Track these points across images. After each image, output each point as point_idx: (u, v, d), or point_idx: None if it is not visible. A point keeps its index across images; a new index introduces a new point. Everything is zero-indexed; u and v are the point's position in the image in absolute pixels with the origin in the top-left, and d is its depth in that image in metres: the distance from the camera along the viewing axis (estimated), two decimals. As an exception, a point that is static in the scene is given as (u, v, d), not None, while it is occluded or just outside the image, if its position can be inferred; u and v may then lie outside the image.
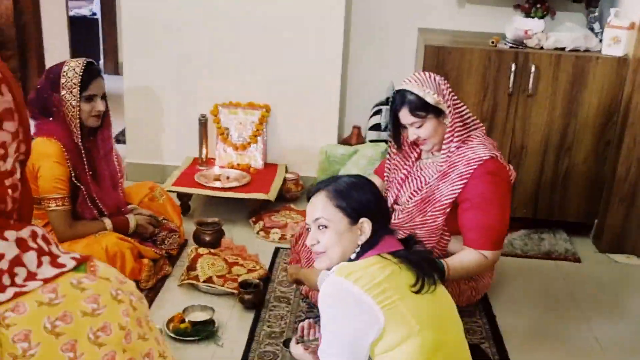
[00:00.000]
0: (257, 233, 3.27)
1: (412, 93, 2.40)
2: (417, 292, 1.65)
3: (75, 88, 2.53)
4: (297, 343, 2.02)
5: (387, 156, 2.70)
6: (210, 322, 2.46)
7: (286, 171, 3.71)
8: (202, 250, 2.86)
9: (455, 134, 2.42)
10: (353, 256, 1.78)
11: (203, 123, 3.61)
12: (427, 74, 2.47)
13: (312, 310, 2.60)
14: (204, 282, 2.70)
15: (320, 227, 1.81)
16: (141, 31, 3.62)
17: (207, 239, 3.04)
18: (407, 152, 2.64)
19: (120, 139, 4.15)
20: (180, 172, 3.53)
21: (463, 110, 2.46)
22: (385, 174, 2.71)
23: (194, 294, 2.71)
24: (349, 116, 3.95)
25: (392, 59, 3.87)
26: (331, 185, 1.83)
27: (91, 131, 2.67)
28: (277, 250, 3.13)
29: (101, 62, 6.64)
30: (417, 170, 2.60)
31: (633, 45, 3.07)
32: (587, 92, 3.16)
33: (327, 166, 3.69)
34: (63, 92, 2.53)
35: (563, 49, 3.20)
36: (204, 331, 2.41)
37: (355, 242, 1.78)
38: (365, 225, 1.77)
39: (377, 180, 2.69)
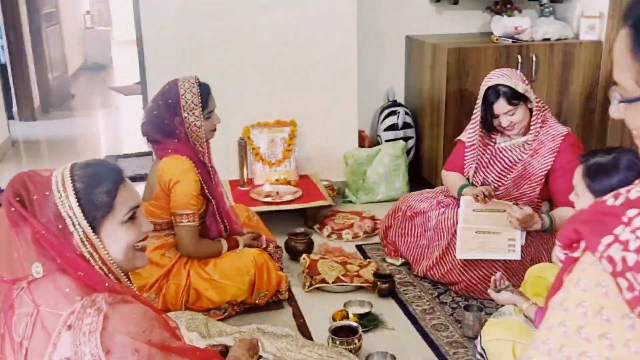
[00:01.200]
0: (329, 237, 3.51)
1: (505, 86, 2.82)
2: None
3: (197, 109, 2.57)
4: (497, 292, 2.30)
5: (472, 145, 3.03)
6: (370, 313, 2.68)
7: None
8: (313, 256, 3.06)
9: (540, 116, 2.89)
10: None
11: (242, 145, 3.74)
12: (509, 69, 2.91)
13: (436, 287, 2.93)
14: (333, 282, 2.90)
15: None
16: (162, 56, 3.66)
17: (300, 247, 3.22)
18: (483, 140, 3.04)
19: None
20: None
21: (536, 97, 2.94)
22: (469, 161, 3.05)
23: (323, 295, 2.90)
24: (353, 122, 4.29)
25: (386, 65, 4.29)
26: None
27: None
28: (358, 247, 3.39)
29: (14, 108, 6.28)
30: (499, 153, 3.01)
31: (604, 30, 3.79)
32: (574, 72, 3.83)
33: (355, 168, 4.00)
34: (185, 114, 2.57)
35: (549, 39, 3.84)
36: (373, 320, 2.64)
37: None
38: None
39: (458, 175, 3.06)
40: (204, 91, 2.63)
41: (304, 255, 3.07)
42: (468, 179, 3.05)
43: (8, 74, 6.20)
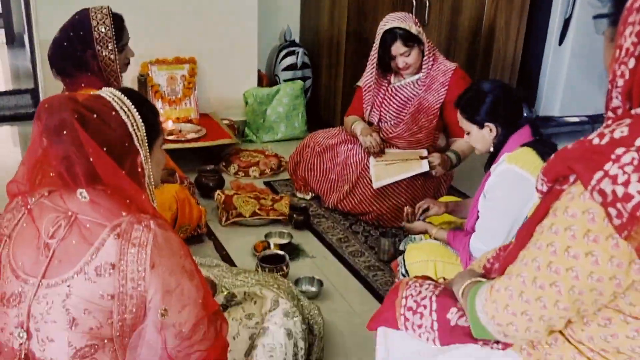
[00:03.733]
0: (236, 174, 3.54)
1: (401, 29, 2.98)
2: None
3: (110, 42, 2.46)
4: (408, 222, 2.50)
5: (367, 87, 3.18)
6: (290, 243, 2.79)
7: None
8: (228, 192, 3.09)
9: (431, 56, 3.09)
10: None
11: (142, 82, 3.62)
12: (403, 13, 3.08)
13: (347, 218, 3.10)
14: (250, 216, 2.97)
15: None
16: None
17: (211, 184, 3.24)
18: (379, 81, 3.20)
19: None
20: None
21: (428, 39, 3.13)
22: (365, 103, 3.21)
23: (240, 229, 2.96)
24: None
25: (282, 4, 4.30)
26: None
27: None
28: (267, 183, 3.47)
29: None
30: (394, 93, 3.19)
31: (488, -22, 4.06)
32: (461, 17, 4.08)
33: (255, 108, 4.03)
34: (98, 47, 2.44)
35: (440, -15, 4.05)
36: (294, 250, 2.75)
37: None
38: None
39: (355, 117, 3.22)
40: (118, 23, 2.52)
41: (219, 191, 3.10)
42: (367, 121, 3.21)
43: None
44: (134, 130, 1.29)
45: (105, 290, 1.21)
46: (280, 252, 2.57)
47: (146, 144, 1.32)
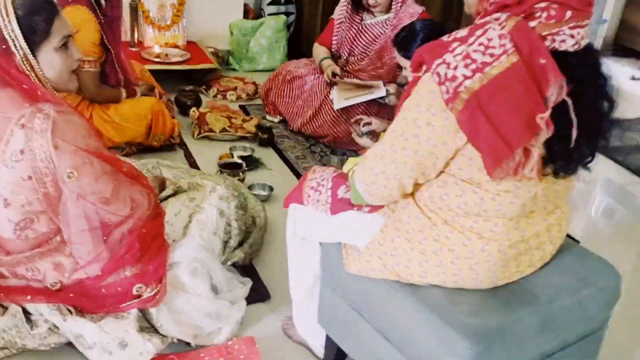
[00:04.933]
0: (215, 97, 3.88)
1: None
2: None
3: None
4: (359, 136, 2.83)
5: (339, 21, 3.49)
6: (251, 156, 3.15)
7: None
8: (202, 109, 3.43)
9: (400, -4, 3.38)
10: None
11: (134, 7, 3.93)
12: None
13: (309, 140, 3.44)
14: (220, 132, 3.32)
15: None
16: None
17: (189, 102, 3.58)
18: (352, 17, 3.49)
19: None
20: (121, 54, 3.85)
21: None
22: (335, 37, 3.51)
23: (210, 143, 3.31)
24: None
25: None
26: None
27: None
28: (242, 106, 3.81)
29: None
30: (364, 29, 3.48)
31: None
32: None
33: (240, 38, 4.33)
34: None
35: None
36: (254, 162, 3.11)
37: None
38: None
39: (324, 48, 3.52)
40: None
41: (194, 109, 3.44)
42: (333, 52, 3.51)
43: None
44: (8, 34, 1.56)
45: (24, 172, 1.55)
46: (239, 161, 2.93)
47: (25, 48, 1.58)
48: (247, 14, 4.47)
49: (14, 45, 1.58)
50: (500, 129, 1.24)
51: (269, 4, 4.49)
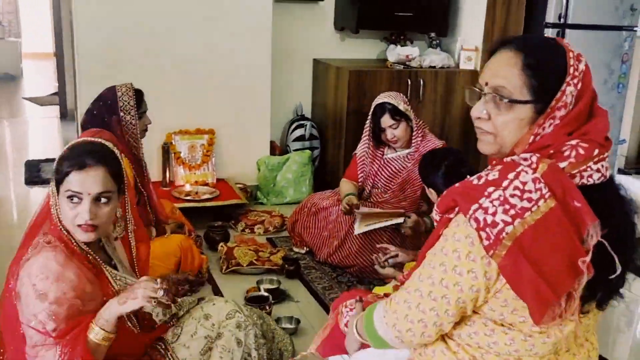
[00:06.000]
0: (243, 231, 3.96)
1: (389, 104, 3.42)
2: None
3: (132, 109, 2.99)
4: (382, 267, 2.83)
5: (362, 158, 3.62)
6: (278, 289, 3.16)
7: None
8: (230, 244, 3.50)
9: (420, 132, 3.50)
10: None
11: (166, 150, 4.15)
12: (394, 92, 3.53)
13: (335, 270, 3.46)
14: (247, 266, 3.36)
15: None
16: (95, 69, 4.01)
17: (218, 238, 3.66)
18: (374, 152, 3.62)
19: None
20: (153, 194, 4.01)
21: (417, 118, 3.56)
22: (360, 171, 3.63)
23: (238, 277, 3.34)
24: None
25: (295, 84, 4.84)
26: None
27: None
28: (269, 239, 3.87)
29: None
30: (386, 163, 3.60)
31: (479, 62, 4.51)
32: (455, 95, 4.52)
33: (267, 174, 4.49)
34: (122, 113, 2.97)
35: (434, 67, 4.52)
36: (281, 294, 3.12)
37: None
38: None
39: (351, 184, 3.64)
40: (138, 95, 3.05)
41: (222, 244, 3.52)
42: (360, 186, 3.61)
43: None
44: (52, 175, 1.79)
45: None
46: (265, 294, 2.94)
47: (53, 185, 1.77)
48: (273, 150, 4.67)
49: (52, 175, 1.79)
50: (545, 274, 1.23)
51: (294, 140, 4.69)
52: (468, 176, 1.37)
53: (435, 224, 1.49)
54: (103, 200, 1.77)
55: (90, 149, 1.79)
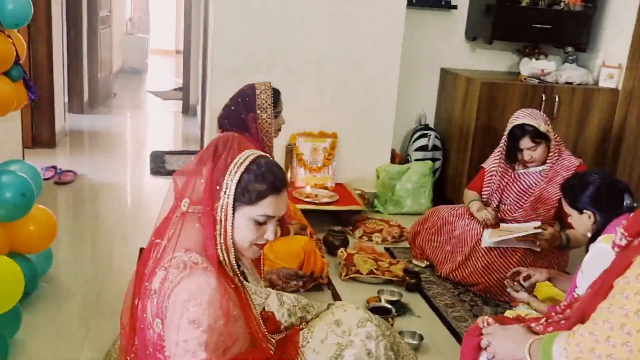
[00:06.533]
0: (360, 238, 3.91)
1: (530, 125, 3.23)
2: None
3: (269, 108, 3.01)
4: (516, 291, 2.69)
5: (492, 172, 3.46)
6: (399, 301, 3.07)
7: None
8: (350, 250, 3.46)
9: (556, 150, 3.31)
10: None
11: (289, 150, 4.17)
12: (534, 110, 3.34)
13: (457, 287, 3.33)
14: (367, 274, 3.30)
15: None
16: (227, 67, 4.09)
17: (337, 243, 3.62)
18: (505, 168, 3.45)
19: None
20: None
21: (555, 133, 3.36)
22: (486, 185, 3.48)
23: (356, 284, 3.29)
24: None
25: (421, 92, 4.74)
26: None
27: None
28: (387, 249, 3.79)
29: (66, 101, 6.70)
30: (516, 178, 3.42)
31: (622, 80, 4.23)
32: (591, 114, 4.26)
33: (386, 182, 4.41)
34: (258, 111, 3.00)
35: (571, 83, 4.29)
36: (402, 307, 3.03)
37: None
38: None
39: (474, 193, 3.50)
40: (276, 94, 3.07)
41: (342, 249, 3.47)
42: (484, 201, 3.46)
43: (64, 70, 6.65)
44: (223, 192, 1.63)
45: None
46: (388, 306, 2.87)
47: (230, 200, 1.63)
48: (393, 158, 4.59)
49: (225, 192, 1.64)
50: None
51: (416, 150, 4.59)
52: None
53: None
54: None
55: (279, 172, 1.72)
